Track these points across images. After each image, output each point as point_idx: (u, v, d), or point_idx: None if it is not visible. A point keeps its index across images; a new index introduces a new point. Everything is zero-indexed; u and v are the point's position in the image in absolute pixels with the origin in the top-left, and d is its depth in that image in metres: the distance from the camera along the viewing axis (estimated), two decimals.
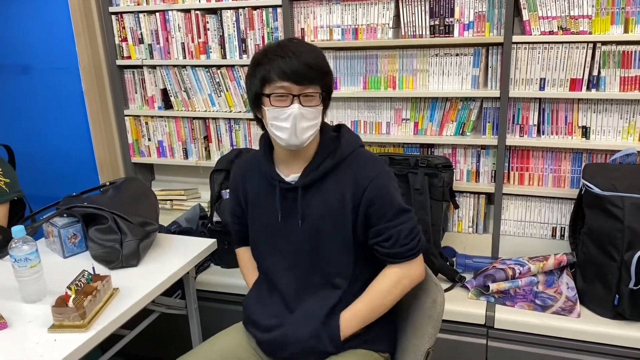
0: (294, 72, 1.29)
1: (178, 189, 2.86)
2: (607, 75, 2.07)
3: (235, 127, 2.68)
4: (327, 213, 1.41)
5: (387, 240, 1.38)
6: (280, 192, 1.44)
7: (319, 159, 1.42)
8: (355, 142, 1.46)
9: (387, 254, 1.39)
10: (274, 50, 1.33)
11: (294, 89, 1.31)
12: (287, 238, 1.46)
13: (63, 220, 1.81)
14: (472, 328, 1.94)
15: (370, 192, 1.38)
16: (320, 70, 1.34)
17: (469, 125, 2.32)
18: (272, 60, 1.31)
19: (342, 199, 1.40)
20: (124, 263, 1.72)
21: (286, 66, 1.29)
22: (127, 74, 2.78)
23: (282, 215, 1.45)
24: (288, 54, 1.30)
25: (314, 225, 1.42)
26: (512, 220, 2.36)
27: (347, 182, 1.40)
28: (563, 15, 2.05)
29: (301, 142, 1.36)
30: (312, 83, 1.32)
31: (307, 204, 1.42)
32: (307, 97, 1.33)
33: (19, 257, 1.46)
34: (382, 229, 1.38)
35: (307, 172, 1.42)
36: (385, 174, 1.42)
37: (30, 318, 1.45)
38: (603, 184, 1.85)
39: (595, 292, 1.87)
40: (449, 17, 2.20)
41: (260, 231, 1.52)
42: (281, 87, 1.31)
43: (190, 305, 1.95)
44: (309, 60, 1.31)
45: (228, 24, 2.51)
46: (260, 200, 1.50)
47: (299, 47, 1.33)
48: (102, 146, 2.78)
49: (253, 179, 1.53)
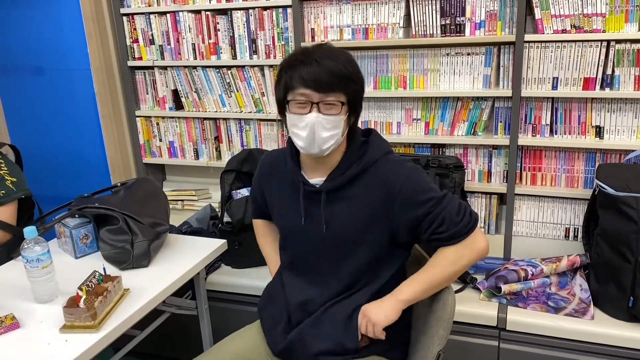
0: (314, 80, 1.27)
1: (189, 190, 2.87)
2: (621, 74, 2.04)
3: (245, 128, 2.68)
4: (354, 219, 1.38)
5: (442, 224, 1.33)
6: (304, 194, 1.42)
7: (345, 165, 1.38)
8: (384, 148, 1.42)
9: (448, 237, 1.34)
10: (298, 56, 1.31)
11: (314, 97, 1.28)
12: (310, 241, 1.44)
13: (75, 220, 1.83)
14: (484, 330, 1.93)
15: (405, 190, 1.34)
16: (344, 77, 1.29)
17: (481, 125, 2.30)
18: (294, 66, 1.29)
19: (372, 203, 1.37)
20: (135, 264, 1.72)
21: (307, 73, 1.27)
22: (138, 75, 2.80)
23: (305, 217, 1.43)
24: (310, 60, 1.27)
25: (340, 231, 1.39)
26: (524, 220, 2.33)
27: (376, 186, 1.36)
28: (576, 13, 2.02)
29: (320, 151, 1.33)
30: (334, 91, 1.28)
31: (331, 209, 1.39)
32: (327, 105, 1.29)
33: (31, 257, 1.47)
34: (432, 217, 1.33)
35: (332, 177, 1.39)
36: (414, 170, 1.38)
37: (42, 318, 1.46)
38: (617, 185, 1.83)
39: (609, 294, 1.85)
40: (460, 16, 2.18)
41: (286, 230, 1.52)
42: (301, 95, 1.29)
43: (201, 306, 1.95)
44: (331, 67, 1.27)
45: (238, 24, 2.51)
46: (285, 199, 1.48)
47: (325, 52, 1.30)
48: (113, 147, 2.80)
49: (280, 174, 1.50)
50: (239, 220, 2.19)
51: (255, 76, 2.56)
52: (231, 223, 2.21)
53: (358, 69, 1.35)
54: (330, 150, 1.34)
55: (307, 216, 1.43)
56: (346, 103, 1.31)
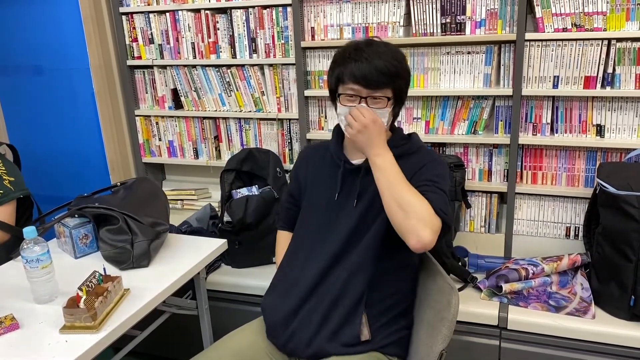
0: (363, 77, 1.38)
1: (189, 189, 2.87)
2: (622, 72, 2.03)
3: (245, 127, 2.67)
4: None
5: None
6: (343, 172, 1.51)
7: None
8: (423, 145, 1.56)
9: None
10: (351, 52, 1.41)
11: (363, 92, 1.40)
12: (339, 215, 1.49)
13: (74, 220, 1.82)
14: (485, 329, 1.92)
15: (424, 168, 1.45)
16: (391, 75, 1.39)
17: (481, 123, 2.30)
18: (346, 62, 1.41)
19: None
20: (135, 263, 1.71)
21: (357, 70, 1.38)
22: (137, 74, 2.79)
23: (340, 193, 1.50)
24: (361, 58, 1.38)
25: (368, 205, 1.46)
26: (525, 219, 2.33)
27: (408, 167, 1.43)
28: (577, 12, 2.02)
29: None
30: (381, 87, 1.39)
31: (367, 185, 1.46)
32: (374, 100, 1.41)
33: (31, 258, 1.46)
34: (421, 189, 1.38)
35: None
36: (442, 163, 1.52)
37: (42, 319, 1.45)
38: (618, 184, 1.82)
39: (611, 293, 1.85)
40: (461, 15, 2.18)
41: (313, 208, 1.57)
42: (351, 89, 1.41)
43: (201, 306, 1.95)
44: (380, 65, 1.37)
45: (238, 23, 2.51)
46: (321, 179, 1.57)
47: (374, 49, 1.40)
48: (113, 146, 2.79)
49: (317, 162, 1.62)
50: (239, 220, 2.19)
51: (255, 75, 2.55)
52: (231, 222, 2.21)
53: (404, 64, 1.45)
54: None
55: (341, 191, 1.51)
56: (393, 97, 1.43)
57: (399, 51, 1.46)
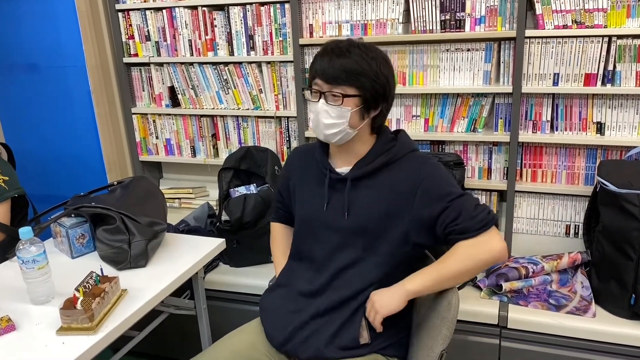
0: (324, 72, 1.36)
1: (186, 187, 2.85)
2: (623, 69, 2.02)
3: (243, 125, 2.65)
4: (376, 209, 1.41)
5: (457, 217, 1.34)
6: (330, 181, 1.47)
7: (372, 156, 1.44)
8: (410, 146, 1.48)
9: (461, 230, 1.34)
10: (325, 48, 1.40)
11: (323, 87, 1.38)
12: (330, 229, 1.46)
13: (71, 220, 1.80)
14: (485, 328, 1.92)
15: (426, 184, 1.39)
16: (352, 72, 1.35)
17: (481, 121, 2.29)
18: (316, 58, 1.40)
19: (394, 195, 1.41)
20: (133, 264, 1.70)
21: (320, 65, 1.37)
22: (134, 71, 2.77)
23: (328, 204, 1.47)
24: (331, 54, 1.36)
25: (361, 221, 1.42)
26: (524, 218, 2.32)
27: (400, 178, 1.41)
28: (577, 8, 2.01)
29: (324, 137, 1.42)
30: (340, 84, 1.35)
31: (355, 198, 1.44)
32: (333, 97, 1.37)
33: (27, 258, 1.44)
34: (449, 209, 1.35)
35: (359, 166, 1.44)
36: (438, 166, 1.45)
37: (38, 320, 1.43)
38: (619, 182, 1.81)
39: (611, 292, 1.84)
40: (460, 12, 2.16)
41: (305, 219, 1.54)
42: (315, 84, 1.40)
43: (199, 306, 1.93)
44: (343, 62, 1.34)
45: (235, 20, 2.48)
46: (310, 187, 1.53)
47: (347, 48, 1.36)
48: (109, 144, 2.77)
49: (307, 166, 1.57)
50: (237, 219, 2.17)
51: (252, 73, 2.53)
52: (229, 221, 2.19)
53: (378, 65, 1.38)
54: (337, 137, 1.40)
55: (329, 203, 1.47)
56: (357, 96, 1.37)
57: (378, 56, 1.39)
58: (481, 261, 1.35)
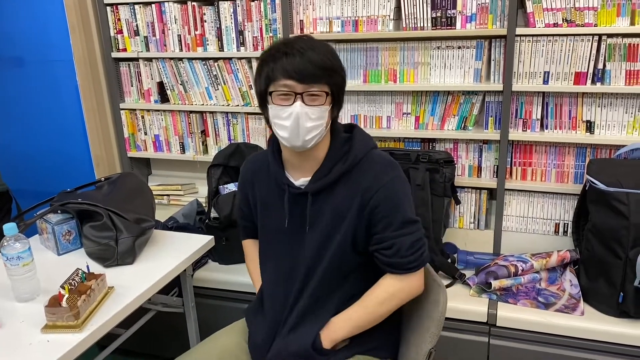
0: (297, 70, 1.25)
1: (175, 184, 2.82)
2: (613, 68, 2.03)
3: (233, 121, 2.64)
4: (337, 220, 1.35)
5: (389, 249, 1.33)
6: (290, 197, 1.39)
7: (329, 163, 1.36)
8: (368, 144, 1.40)
9: (388, 262, 1.34)
10: (280, 47, 1.29)
11: (298, 88, 1.26)
12: (292, 245, 1.41)
13: (57, 216, 1.78)
14: (474, 326, 1.92)
15: (378, 197, 1.32)
16: (327, 68, 1.28)
17: (471, 119, 2.28)
18: (276, 58, 1.27)
19: (350, 203, 1.34)
20: (120, 261, 1.68)
21: (289, 64, 1.25)
22: (122, 66, 2.74)
23: (289, 220, 1.40)
24: (293, 51, 1.26)
25: (323, 233, 1.36)
26: (514, 216, 2.33)
27: (358, 187, 1.34)
28: (568, 7, 2.01)
29: (304, 142, 1.30)
30: (317, 82, 1.27)
31: (317, 210, 1.37)
32: (311, 97, 1.27)
33: (11, 255, 1.42)
34: (385, 237, 1.33)
35: (317, 177, 1.36)
36: (397, 180, 1.35)
37: (23, 318, 1.41)
38: (608, 180, 1.82)
39: (600, 290, 1.85)
40: (451, 9, 2.15)
41: (267, 235, 1.48)
42: (284, 85, 1.27)
43: (188, 304, 1.91)
44: (314, 58, 1.26)
45: (225, 15, 2.46)
46: (270, 202, 1.45)
47: (306, 44, 1.28)
48: (97, 140, 2.74)
49: (263, 179, 1.47)
50: (227, 216, 2.15)
51: (242, 68, 2.51)
52: (218, 218, 2.17)
53: (340, 61, 1.34)
54: (314, 141, 1.31)
55: (291, 218, 1.40)
56: (330, 94, 1.30)
57: (332, 48, 1.34)
58: (401, 300, 1.38)
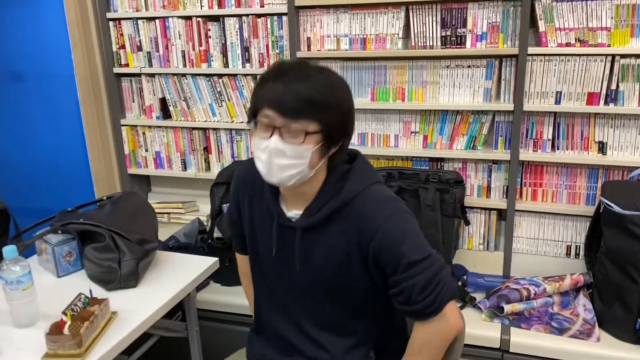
0: (278, 101, 1.10)
1: (176, 202, 2.76)
2: (626, 89, 2.00)
3: (237, 138, 2.59)
4: (333, 262, 1.23)
5: (400, 295, 1.19)
6: (278, 227, 1.27)
7: (321, 199, 1.22)
8: (368, 179, 1.24)
9: (404, 310, 1.21)
10: (271, 72, 1.15)
11: (277, 121, 1.11)
12: (282, 280, 1.31)
13: (58, 237, 1.71)
14: (487, 352, 1.87)
15: (376, 241, 1.17)
16: (315, 103, 1.10)
17: (480, 139, 2.25)
18: (264, 83, 1.14)
19: (349, 248, 1.21)
20: (122, 284, 1.62)
21: (271, 93, 1.11)
22: (124, 82, 2.69)
23: (277, 250, 1.28)
24: (281, 79, 1.11)
25: (317, 274, 1.26)
26: (524, 237, 2.28)
27: (353, 228, 1.20)
28: (581, 27, 1.99)
29: (278, 180, 1.17)
30: (299, 117, 1.10)
31: (308, 248, 1.25)
32: (289, 133, 1.11)
33: (11, 279, 1.36)
34: (394, 282, 1.19)
35: (307, 214, 1.23)
36: (395, 217, 1.19)
37: (22, 345, 1.35)
38: (624, 203, 1.78)
39: (615, 315, 1.80)
40: (461, 28, 2.13)
41: (255, 260, 1.38)
42: (265, 116, 1.12)
43: (191, 328, 1.85)
44: (301, 89, 1.10)
45: (231, 31, 2.43)
46: (259, 224, 1.33)
47: (298, 72, 1.13)
48: (97, 157, 2.69)
49: (253, 195, 1.34)
50: (230, 237, 2.10)
51: (247, 85, 2.48)
52: (222, 239, 2.12)
53: (340, 96, 1.16)
54: (293, 181, 1.16)
55: (279, 249, 1.28)
56: (319, 132, 1.13)
57: (339, 81, 1.17)
58: (441, 342, 1.22)
